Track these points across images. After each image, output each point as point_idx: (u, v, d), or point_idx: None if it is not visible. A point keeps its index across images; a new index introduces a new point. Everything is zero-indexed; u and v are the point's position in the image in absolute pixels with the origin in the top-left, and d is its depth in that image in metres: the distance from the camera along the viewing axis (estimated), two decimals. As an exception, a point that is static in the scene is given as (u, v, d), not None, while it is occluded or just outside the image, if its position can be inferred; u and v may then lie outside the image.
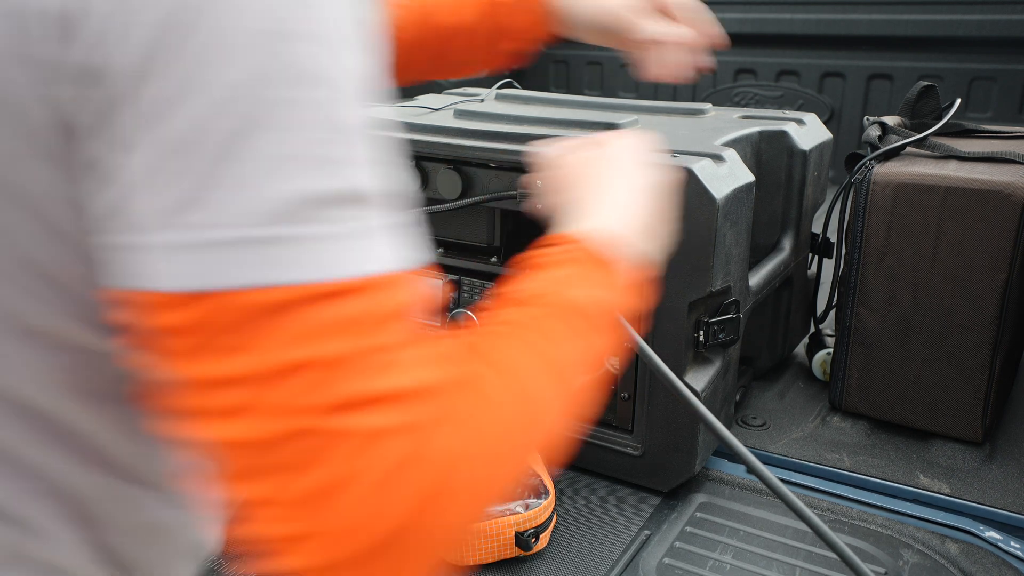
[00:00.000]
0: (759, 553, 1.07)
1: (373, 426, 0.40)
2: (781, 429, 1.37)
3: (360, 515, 0.40)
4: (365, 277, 0.41)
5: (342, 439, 0.39)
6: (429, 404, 0.42)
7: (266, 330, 0.39)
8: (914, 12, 2.60)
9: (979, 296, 1.23)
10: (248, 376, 0.39)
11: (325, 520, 0.40)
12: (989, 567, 1.04)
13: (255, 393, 0.39)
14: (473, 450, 0.43)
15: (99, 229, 0.42)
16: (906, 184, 1.25)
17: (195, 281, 0.39)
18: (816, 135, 1.40)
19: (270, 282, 0.39)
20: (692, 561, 1.07)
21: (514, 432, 0.46)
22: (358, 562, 0.40)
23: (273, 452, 0.40)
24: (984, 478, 1.22)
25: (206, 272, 0.39)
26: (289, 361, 0.39)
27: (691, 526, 1.13)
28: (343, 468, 0.39)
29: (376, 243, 0.42)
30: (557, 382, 0.50)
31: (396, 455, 0.40)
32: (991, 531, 1.11)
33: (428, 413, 0.42)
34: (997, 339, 1.24)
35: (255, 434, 0.40)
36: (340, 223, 0.41)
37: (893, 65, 2.67)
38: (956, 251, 1.23)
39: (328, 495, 0.39)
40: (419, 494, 0.40)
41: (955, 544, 1.08)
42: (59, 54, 0.39)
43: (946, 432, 1.31)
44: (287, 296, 0.39)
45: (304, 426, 0.39)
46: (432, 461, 0.41)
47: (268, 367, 0.39)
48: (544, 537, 1.08)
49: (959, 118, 1.43)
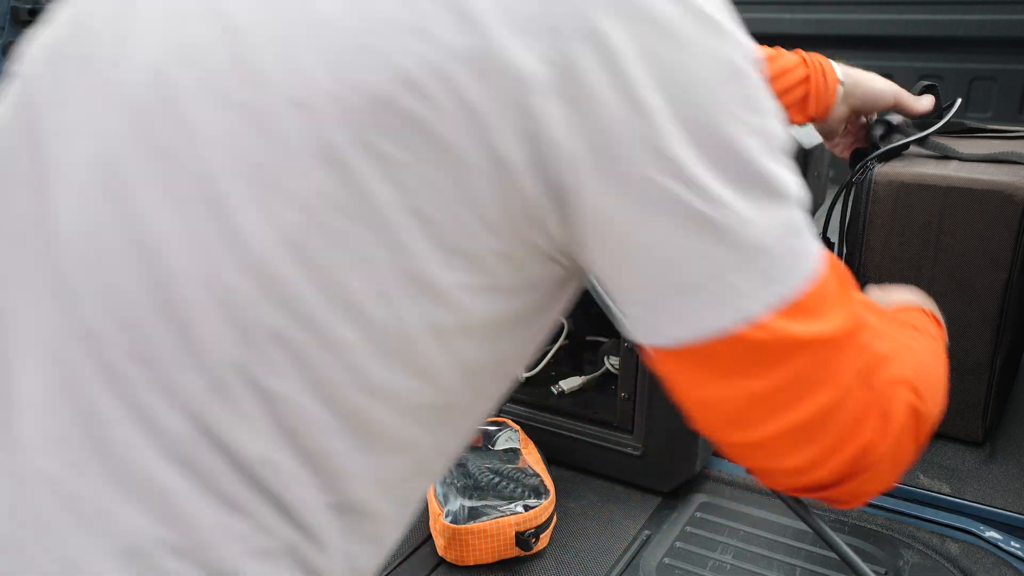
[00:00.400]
0: (759, 553, 1.07)
1: (900, 395, 0.54)
2: (781, 429, 1.37)
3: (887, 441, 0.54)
4: (821, 269, 0.50)
5: (886, 405, 0.53)
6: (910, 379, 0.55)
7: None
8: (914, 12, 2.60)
9: (980, 296, 1.23)
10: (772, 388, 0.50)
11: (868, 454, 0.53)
12: (989, 567, 1.04)
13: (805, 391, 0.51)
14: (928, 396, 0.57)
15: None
16: (907, 184, 1.24)
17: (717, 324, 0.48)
18: (816, 135, 1.40)
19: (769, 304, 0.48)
20: (692, 561, 1.07)
21: (938, 377, 0.63)
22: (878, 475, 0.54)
23: (832, 423, 0.51)
24: (984, 478, 1.22)
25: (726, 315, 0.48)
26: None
27: (691, 526, 1.13)
28: (887, 426, 0.53)
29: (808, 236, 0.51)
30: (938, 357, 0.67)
31: (910, 407, 0.54)
32: (991, 531, 1.11)
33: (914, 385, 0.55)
34: (997, 339, 1.24)
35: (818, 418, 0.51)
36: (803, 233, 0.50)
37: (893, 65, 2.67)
38: (957, 251, 1.23)
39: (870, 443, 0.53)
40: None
41: (955, 544, 1.08)
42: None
43: (946, 432, 1.31)
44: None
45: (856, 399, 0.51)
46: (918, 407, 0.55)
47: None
48: (544, 537, 1.08)
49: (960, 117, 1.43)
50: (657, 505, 1.18)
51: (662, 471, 1.20)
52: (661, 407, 1.17)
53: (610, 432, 1.23)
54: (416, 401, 0.49)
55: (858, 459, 0.53)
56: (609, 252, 0.48)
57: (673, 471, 1.19)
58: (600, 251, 0.48)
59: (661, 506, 1.18)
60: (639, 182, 0.44)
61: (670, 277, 0.47)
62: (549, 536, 1.09)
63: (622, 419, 1.22)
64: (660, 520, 1.15)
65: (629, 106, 0.43)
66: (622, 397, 1.21)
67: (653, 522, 1.15)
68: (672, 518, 1.15)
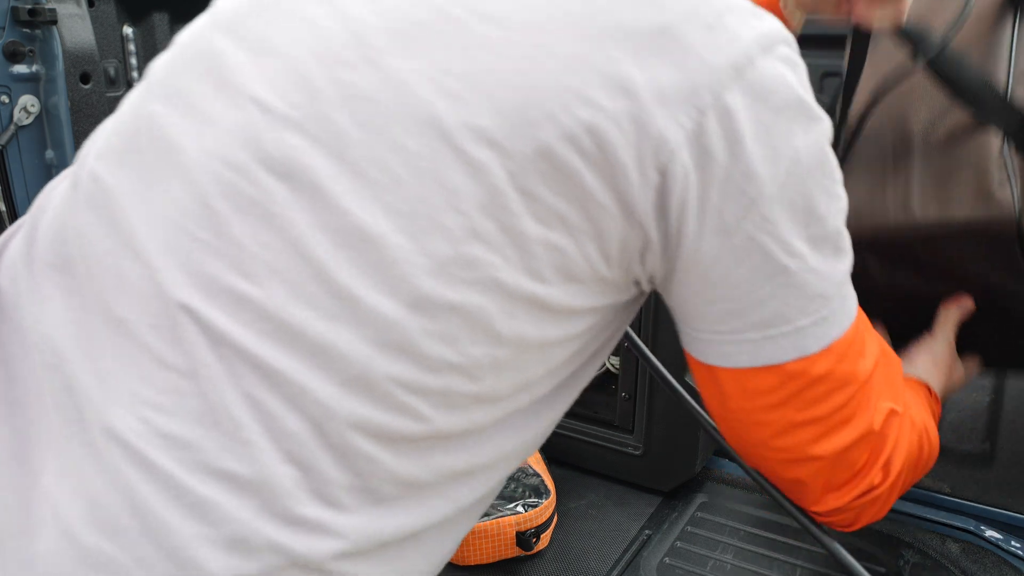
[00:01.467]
0: (759, 553, 1.08)
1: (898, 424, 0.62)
2: (781, 429, 1.37)
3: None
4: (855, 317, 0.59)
5: (888, 438, 0.62)
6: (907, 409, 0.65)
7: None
8: (914, 11, 2.59)
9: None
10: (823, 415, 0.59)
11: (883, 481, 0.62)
12: (989, 567, 1.05)
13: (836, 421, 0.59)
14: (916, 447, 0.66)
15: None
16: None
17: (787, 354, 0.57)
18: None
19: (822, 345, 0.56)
20: (692, 561, 1.07)
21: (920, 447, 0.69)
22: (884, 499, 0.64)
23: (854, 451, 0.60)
24: (984, 478, 1.22)
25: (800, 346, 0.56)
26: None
27: (691, 526, 1.13)
28: (891, 448, 0.62)
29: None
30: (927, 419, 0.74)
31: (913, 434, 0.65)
32: (991, 531, 1.11)
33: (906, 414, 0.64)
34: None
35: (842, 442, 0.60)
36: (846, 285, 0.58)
37: (893, 64, 2.66)
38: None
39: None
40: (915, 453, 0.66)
41: (955, 543, 1.09)
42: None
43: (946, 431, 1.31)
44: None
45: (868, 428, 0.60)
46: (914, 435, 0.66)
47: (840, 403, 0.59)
48: (545, 537, 1.08)
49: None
50: (657, 505, 1.19)
51: (662, 471, 1.20)
52: (661, 407, 1.18)
53: (610, 432, 1.23)
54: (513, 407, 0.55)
55: (865, 493, 0.62)
56: (691, 285, 0.55)
57: (673, 471, 1.19)
58: (685, 284, 0.56)
59: (661, 506, 1.18)
60: (738, 234, 0.52)
61: (747, 314, 0.55)
62: (549, 536, 1.09)
63: (622, 419, 1.22)
64: (660, 520, 1.15)
65: (742, 173, 0.51)
66: (622, 397, 1.21)
67: (653, 522, 1.15)
68: (672, 518, 1.15)
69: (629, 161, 0.49)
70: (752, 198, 0.52)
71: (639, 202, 0.50)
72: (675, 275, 0.55)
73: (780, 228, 0.53)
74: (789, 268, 0.54)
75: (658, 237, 0.52)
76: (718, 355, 0.59)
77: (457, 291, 0.49)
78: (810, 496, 0.64)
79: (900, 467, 0.63)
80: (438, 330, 0.49)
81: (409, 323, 0.48)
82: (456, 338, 0.49)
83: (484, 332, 0.50)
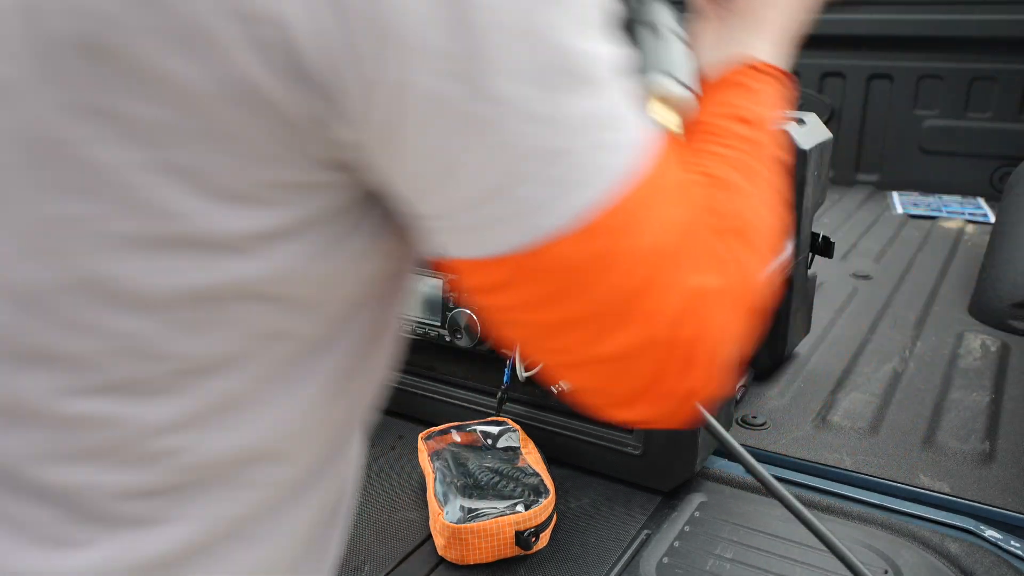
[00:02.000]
0: (759, 553, 1.07)
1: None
2: (781, 429, 1.37)
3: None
4: (642, 145, 0.45)
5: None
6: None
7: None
8: (914, 12, 2.60)
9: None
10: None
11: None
12: (989, 566, 1.04)
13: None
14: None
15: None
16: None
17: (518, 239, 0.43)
18: (816, 135, 1.40)
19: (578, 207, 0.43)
20: (692, 561, 1.07)
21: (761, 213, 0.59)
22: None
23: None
24: (984, 478, 1.22)
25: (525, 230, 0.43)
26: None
27: (691, 526, 1.13)
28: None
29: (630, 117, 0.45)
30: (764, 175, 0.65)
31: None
32: (991, 530, 1.11)
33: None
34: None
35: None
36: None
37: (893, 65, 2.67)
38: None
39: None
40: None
41: (955, 543, 1.08)
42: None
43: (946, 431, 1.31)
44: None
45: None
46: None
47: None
48: (544, 536, 1.08)
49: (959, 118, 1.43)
50: (657, 505, 1.18)
51: (662, 471, 1.20)
52: (661, 407, 1.17)
53: (610, 432, 1.23)
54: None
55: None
56: (391, 157, 0.42)
57: (673, 471, 1.19)
58: (383, 155, 0.42)
59: (661, 506, 1.18)
60: (406, 85, 0.39)
61: (447, 189, 0.42)
62: (549, 536, 1.09)
63: (622, 419, 1.22)
64: (660, 520, 1.15)
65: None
66: (622, 397, 1.21)
67: (653, 522, 1.15)
68: (672, 518, 1.15)
69: (208, 19, 0.37)
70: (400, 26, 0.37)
71: (250, 71, 0.38)
72: (369, 146, 0.42)
73: (464, 66, 0.38)
74: (484, 117, 0.40)
75: (307, 103, 0.39)
76: (438, 246, 0.46)
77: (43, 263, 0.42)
78: (610, 403, 0.51)
79: (726, 345, 0.49)
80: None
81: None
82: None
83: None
